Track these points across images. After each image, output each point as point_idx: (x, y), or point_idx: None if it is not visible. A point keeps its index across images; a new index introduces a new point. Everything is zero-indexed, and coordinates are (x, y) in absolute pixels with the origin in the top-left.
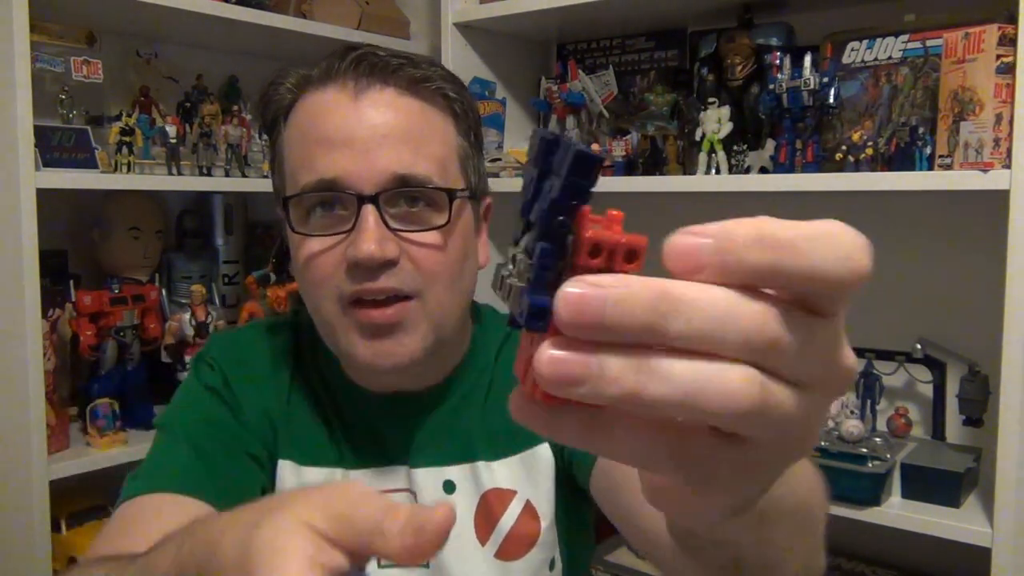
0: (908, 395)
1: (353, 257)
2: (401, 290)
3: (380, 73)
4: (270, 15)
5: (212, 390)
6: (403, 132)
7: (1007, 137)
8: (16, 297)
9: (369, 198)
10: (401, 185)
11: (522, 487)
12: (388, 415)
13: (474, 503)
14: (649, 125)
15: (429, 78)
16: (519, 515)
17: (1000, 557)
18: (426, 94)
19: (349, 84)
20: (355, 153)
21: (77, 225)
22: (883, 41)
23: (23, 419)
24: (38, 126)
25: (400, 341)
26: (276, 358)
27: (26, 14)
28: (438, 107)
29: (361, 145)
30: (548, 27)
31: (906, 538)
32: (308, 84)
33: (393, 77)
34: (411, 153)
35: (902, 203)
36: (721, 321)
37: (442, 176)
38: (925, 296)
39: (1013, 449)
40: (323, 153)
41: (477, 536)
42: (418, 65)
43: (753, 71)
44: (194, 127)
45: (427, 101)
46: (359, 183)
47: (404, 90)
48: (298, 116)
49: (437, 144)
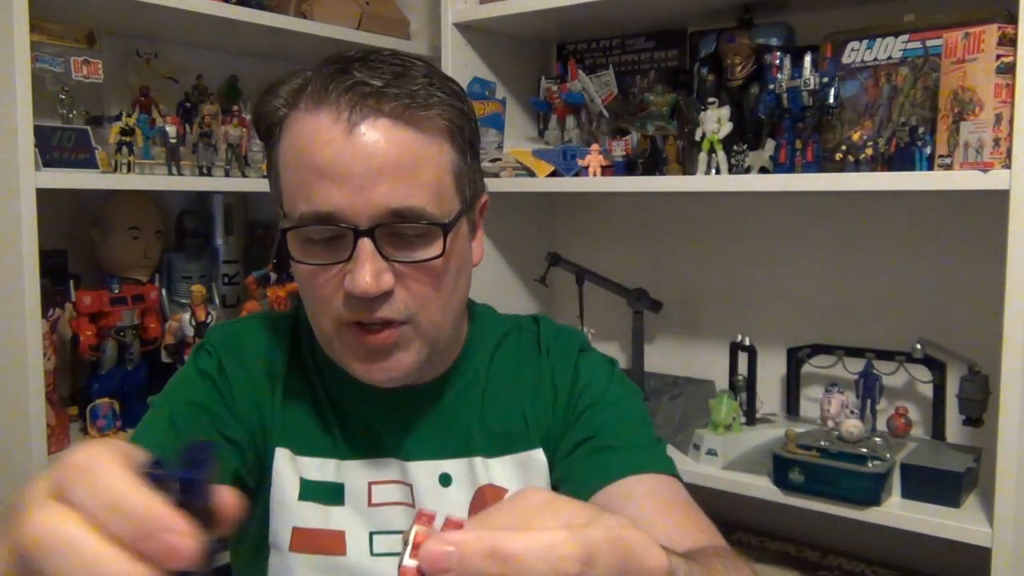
0: (908, 395)
1: (349, 290)
2: (395, 319)
3: (374, 101)
4: (270, 15)
5: (205, 374)
6: (397, 165)
7: (1007, 137)
8: (16, 297)
9: (365, 232)
10: (396, 219)
11: (515, 487)
12: (384, 409)
13: (469, 495)
14: (649, 125)
15: (426, 104)
16: None
17: (1000, 557)
18: (421, 121)
19: (343, 115)
20: (351, 188)
21: (77, 225)
22: (883, 41)
23: (23, 419)
24: (38, 126)
25: (396, 358)
26: (273, 349)
27: (26, 14)
28: (432, 130)
29: (357, 180)
30: (548, 27)
31: (906, 538)
32: (299, 101)
33: (388, 105)
34: (405, 186)
35: (902, 203)
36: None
37: (436, 204)
38: (925, 296)
39: (1013, 449)
40: (319, 185)
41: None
42: (414, 79)
43: (753, 71)
44: (194, 127)
45: (421, 127)
46: (355, 217)
47: (398, 119)
48: (292, 136)
49: (432, 172)
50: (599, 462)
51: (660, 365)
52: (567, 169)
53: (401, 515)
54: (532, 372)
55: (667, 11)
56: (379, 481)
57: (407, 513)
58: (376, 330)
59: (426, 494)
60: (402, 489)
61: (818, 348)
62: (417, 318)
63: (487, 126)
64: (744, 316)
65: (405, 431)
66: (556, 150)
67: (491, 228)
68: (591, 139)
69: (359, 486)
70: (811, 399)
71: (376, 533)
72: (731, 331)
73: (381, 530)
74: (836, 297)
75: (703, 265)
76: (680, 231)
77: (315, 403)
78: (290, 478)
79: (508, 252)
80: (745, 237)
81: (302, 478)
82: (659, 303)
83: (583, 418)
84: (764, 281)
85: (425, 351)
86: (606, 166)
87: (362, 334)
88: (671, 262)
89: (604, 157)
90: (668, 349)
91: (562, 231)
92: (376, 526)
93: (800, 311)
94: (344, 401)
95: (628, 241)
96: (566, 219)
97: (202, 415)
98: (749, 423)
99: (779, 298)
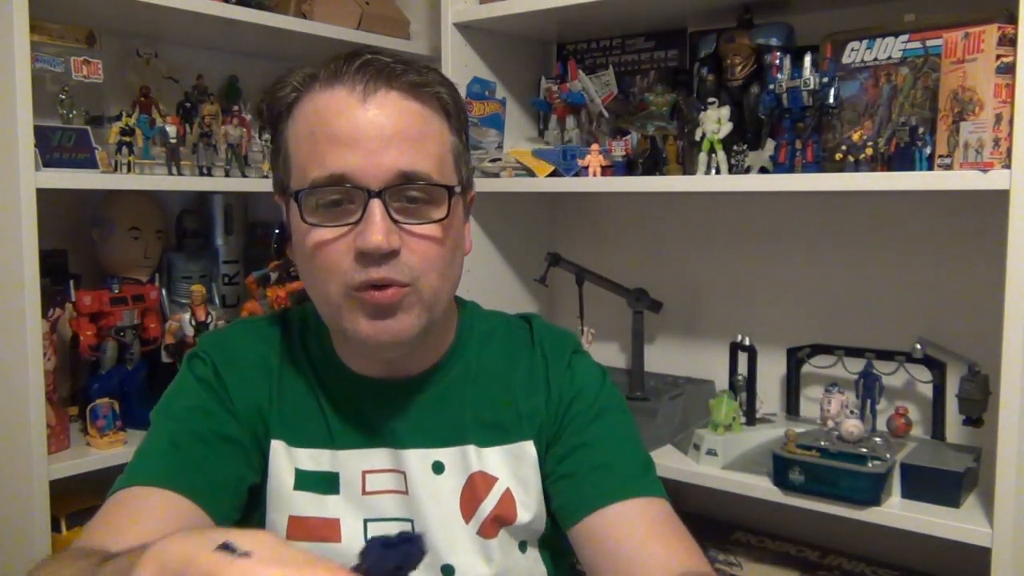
0: (908, 395)
1: (361, 247)
2: (399, 280)
3: (385, 77)
4: (270, 15)
5: (201, 380)
6: (406, 133)
7: (1007, 137)
8: (16, 297)
9: (376, 193)
10: (405, 181)
11: (504, 476)
12: (378, 398)
13: (461, 482)
14: (649, 125)
15: (428, 83)
16: (499, 500)
17: (1000, 557)
18: (425, 97)
19: (358, 87)
20: (363, 152)
21: (77, 225)
22: (883, 41)
23: (23, 419)
24: (38, 126)
25: (399, 319)
26: (264, 349)
27: (26, 14)
28: (435, 109)
29: (369, 144)
30: (548, 27)
31: (906, 538)
32: (314, 82)
33: (397, 81)
34: (413, 152)
35: (902, 203)
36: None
37: (440, 173)
38: (925, 296)
39: (1013, 449)
40: (333, 150)
41: (462, 513)
42: (418, 70)
43: (753, 71)
44: (194, 127)
45: (426, 104)
46: (367, 179)
47: (407, 93)
48: (305, 113)
49: (435, 143)
50: (597, 483)
51: (660, 365)
52: (567, 169)
53: (394, 502)
54: (525, 366)
55: (667, 11)
56: (373, 470)
57: (400, 501)
58: (383, 288)
59: (419, 481)
60: (395, 477)
61: (818, 348)
62: (419, 282)
63: (487, 126)
64: (744, 316)
65: (398, 420)
66: (556, 150)
67: (491, 228)
68: (591, 139)
69: (353, 475)
70: (811, 399)
71: (370, 520)
72: (731, 331)
73: (375, 517)
74: (836, 297)
75: (703, 265)
76: (680, 231)
77: (309, 395)
78: (286, 468)
79: (508, 252)
80: (745, 237)
81: (297, 468)
82: (659, 303)
83: (577, 421)
84: (764, 281)
85: (424, 317)
86: (606, 166)
87: (370, 292)
88: (671, 262)
89: (604, 157)
90: (668, 349)
91: (562, 231)
92: (370, 513)
93: (800, 311)
94: (338, 391)
95: (628, 241)
96: (566, 219)
97: (203, 421)
98: (749, 423)
99: (779, 298)
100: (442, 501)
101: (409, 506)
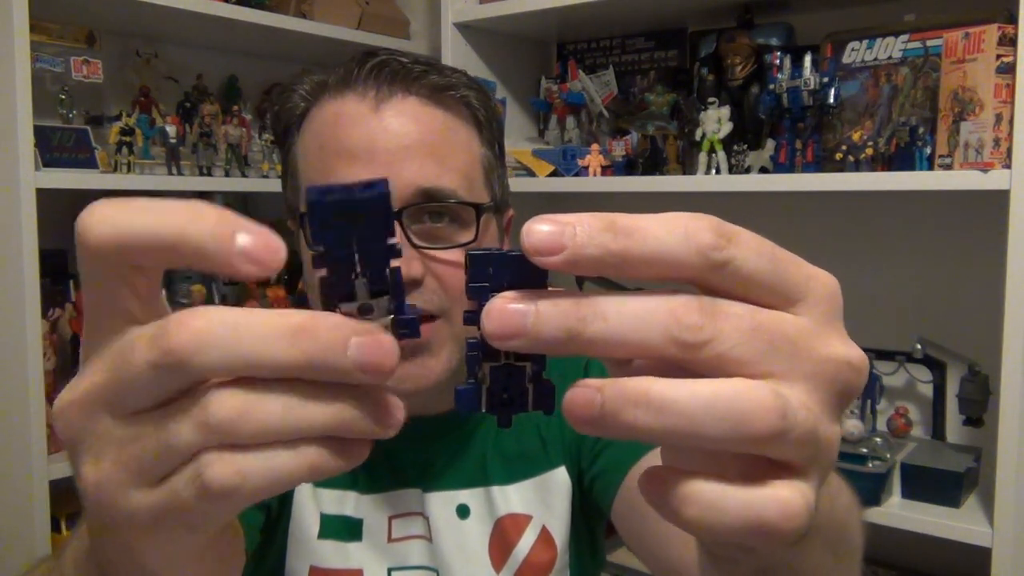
0: (908, 395)
1: None
2: (426, 310)
3: (402, 80)
4: (270, 15)
5: None
6: (427, 144)
7: (1007, 137)
8: (16, 297)
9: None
10: (426, 199)
11: (537, 512)
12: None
13: (488, 529)
14: (649, 125)
15: (453, 85)
16: (535, 542)
17: (1000, 557)
18: (450, 103)
19: (370, 93)
20: (377, 166)
21: None
22: (883, 41)
23: (23, 419)
24: (38, 126)
25: (424, 363)
26: None
27: (26, 14)
28: (462, 117)
29: (383, 157)
30: (548, 27)
31: (906, 538)
32: (324, 91)
33: (415, 85)
34: (435, 166)
35: (902, 203)
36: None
37: (468, 190)
38: (925, 296)
39: (1013, 449)
40: (343, 166)
41: (492, 563)
42: (441, 72)
43: (753, 71)
44: (194, 127)
45: (450, 110)
46: None
47: (427, 99)
48: (314, 125)
49: (462, 156)
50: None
51: None
52: (567, 169)
53: (419, 550)
54: None
55: (667, 11)
56: (399, 515)
57: (425, 547)
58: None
59: (443, 527)
60: (421, 521)
61: None
62: (449, 314)
63: None
64: None
65: (425, 461)
66: (556, 150)
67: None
68: (591, 139)
69: (378, 522)
70: None
71: (394, 569)
72: None
73: (399, 566)
74: None
75: None
76: None
77: None
78: (310, 511)
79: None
80: None
81: (322, 513)
82: None
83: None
84: None
85: (456, 358)
86: (606, 166)
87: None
88: None
89: (604, 157)
90: None
91: None
92: (395, 562)
93: None
94: None
95: None
96: None
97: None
98: None
99: None
100: (467, 549)
101: (433, 554)
